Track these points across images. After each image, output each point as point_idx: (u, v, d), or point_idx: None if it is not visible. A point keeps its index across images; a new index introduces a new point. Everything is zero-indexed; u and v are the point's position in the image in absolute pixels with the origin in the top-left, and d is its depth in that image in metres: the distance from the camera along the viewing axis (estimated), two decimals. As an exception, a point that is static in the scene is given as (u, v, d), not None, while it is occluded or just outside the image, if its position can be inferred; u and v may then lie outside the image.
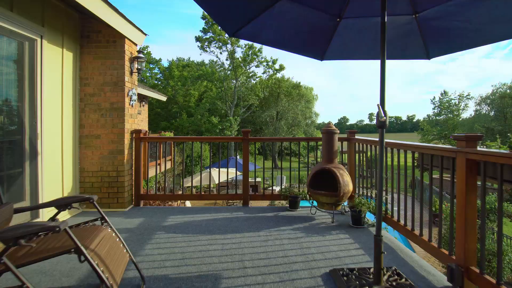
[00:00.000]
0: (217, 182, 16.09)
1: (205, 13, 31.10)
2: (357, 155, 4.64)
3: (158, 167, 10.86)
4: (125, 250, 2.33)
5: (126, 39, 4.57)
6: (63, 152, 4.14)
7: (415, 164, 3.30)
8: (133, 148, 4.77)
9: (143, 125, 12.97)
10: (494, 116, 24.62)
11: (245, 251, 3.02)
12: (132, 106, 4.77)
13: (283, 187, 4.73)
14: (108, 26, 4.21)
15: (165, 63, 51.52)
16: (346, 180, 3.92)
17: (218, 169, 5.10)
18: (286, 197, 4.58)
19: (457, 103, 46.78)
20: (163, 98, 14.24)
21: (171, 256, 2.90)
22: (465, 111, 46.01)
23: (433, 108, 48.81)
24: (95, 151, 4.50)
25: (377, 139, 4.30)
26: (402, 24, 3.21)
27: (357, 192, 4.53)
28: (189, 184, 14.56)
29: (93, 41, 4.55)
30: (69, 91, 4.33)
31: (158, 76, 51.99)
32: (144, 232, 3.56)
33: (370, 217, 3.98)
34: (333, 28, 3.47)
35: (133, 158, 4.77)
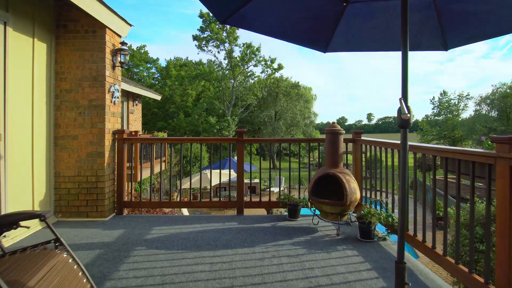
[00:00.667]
0: (213, 184, 15.64)
1: (203, 11, 30.46)
2: (363, 157, 4.19)
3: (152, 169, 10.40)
4: (84, 280, 1.86)
5: (107, 29, 4.11)
6: (33, 154, 3.66)
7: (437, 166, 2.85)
8: (116, 150, 4.30)
9: (137, 125, 12.50)
10: (496, 116, 24.16)
11: (237, 272, 2.56)
12: (114, 103, 4.30)
13: (282, 188, 4.29)
14: (87, 15, 3.75)
15: (163, 63, 50.97)
16: (353, 187, 3.47)
17: (218, 170, 4.65)
18: (285, 204, 4.12)
19: (456, 103, 46.48)
20: (158, 97, 13.77)
21: (148, 280, 2.44)
22: (464, 111, 45.74)
23: (433, 108, 48.50)
24: (72, 153, 4.03)
25: (385, 141, 3.87)
26: (418, 9, 2.77)
27: (363, 199, 4.08)
28: (185, 186, 14.09)
29: (71, 31, 4.08)
30: (42, 87, 3.85)
31: (156, 75, 51.55)
32: (122, 248, 3.09)
33: (379, 228, 3.52)
34: (338, 14, 3.01)
35: (116, 161, 4.31)
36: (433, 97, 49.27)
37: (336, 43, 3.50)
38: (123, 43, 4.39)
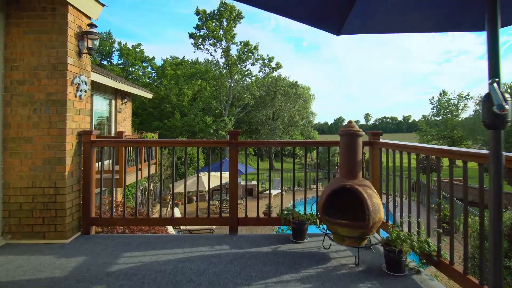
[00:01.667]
0: (207, 188, 14.85)
1: (199, 8, 29.89)
2: (384, 164, 3.46)
3: (139, 172, 9.63)
4: None
5: (70, 7, 3.33)
6: (-30, 162, 2.89)
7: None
8: (82, 156, 3.53)
9: (126, 125, 11.70)
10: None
11: (226, 333, 1.80)
12: (80, 98, 3.52)
13: (280, 191, 3.54)
14: (44, -12, 2.98)
15: (159, 62, 50.16)
16: (376, 204, 2.72)
17: (213, 173, 3.87)
18: (288, 222, 3.37)
19: (456, 103, 45.96)
20: (149, 95, 12.97)
21: None
22: (464, 111, 45.26)
23: (432, 108, 47.98)
24: (25, 160, 3.25)
25: (417, 145, 3.13)
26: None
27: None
28: (177, 190, 13.30)
29: (24, 8, 3.30)
30: (-15, 77, 3.08)
31: (152, 75, 50.74)
32: (74, 288, 2.32)
33: (409, 255, 2.78)
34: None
35: (82, 168, 3.53)
36: (433, 97, 48.78)
37: (352, 24, 2.81)
38: (91, 25, 3.61)
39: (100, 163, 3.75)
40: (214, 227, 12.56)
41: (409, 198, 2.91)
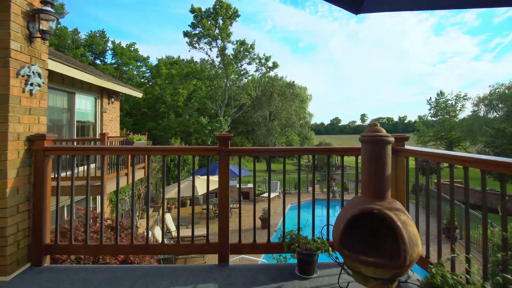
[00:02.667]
0: (201, 193, 14.10)
1: (194, 6, 29.32)
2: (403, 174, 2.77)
3: (125, 177, 8.89)
4: None
5: (15, -22, 2.61)
6: None
7: None
8: (33, 167, 2.80)
9: (113, 126, 10.93)
10: (505, 117, 22.96)
11: None
12: (31, 94, 2.80)
13: (277, 194, 2.85)
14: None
15: (154, 62, 49.28)
16: (412, 233, 2.03)
17: (205, 177, 3.16)
18: (293, 250, 2.66)
19: (453, 103, 45.59)
20: (139, 95, 12.20)
21: None
22: (462, 112, 44.94)
23: (429, 109, 47.63)
24: (-46, 173, 2.52)
25: (456, 154, 2.46)
26: None
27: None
28: (169, 196, 12.55)
29: (-45, -22, 2.57)
30: None
31: (146, 74, 49.87)
32: None
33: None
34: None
35: (33, 183, 2.80)
36: (430, 97, 48.36)
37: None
38: (45, 2, 2.88)
39: (61, 173, 3.02)
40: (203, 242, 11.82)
41: (452, 224, 2.22)
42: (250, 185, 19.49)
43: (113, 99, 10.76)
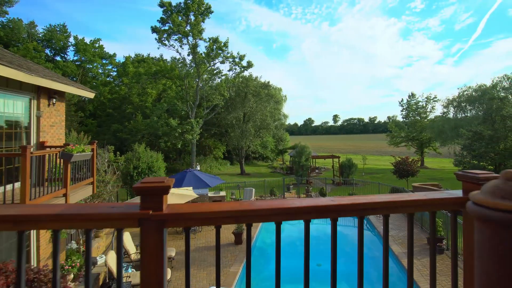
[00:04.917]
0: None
1: (164, 0, 27.01)
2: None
3: (64, 198, 7.14)
4: None
5: None
6: None
7: None
8: None
9: (55, 132, 9.04)
10: (482, 119, 23.12)
11: None
12: None
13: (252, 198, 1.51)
14: None
15: (122, 60, 46.40)
16: None
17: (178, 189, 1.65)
18: None
19: (424, 105, 46.65)
20: (90, 95, 10.34)
21: None
22: (432, 113, 46.09)
23: (401, 110, 48.49)
24: None
25: None
26: None
27: None
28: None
29: None
30: None
31: (113, 73, 46.94)
32: None
33: None
34: None
35: None
36: (402, 99, 49.27)
37: None
38: None
39: None
40: (173, 254, 10.23)
41: None
42: (223, 193, 18.02)
43: (55, 100, 8.89)
